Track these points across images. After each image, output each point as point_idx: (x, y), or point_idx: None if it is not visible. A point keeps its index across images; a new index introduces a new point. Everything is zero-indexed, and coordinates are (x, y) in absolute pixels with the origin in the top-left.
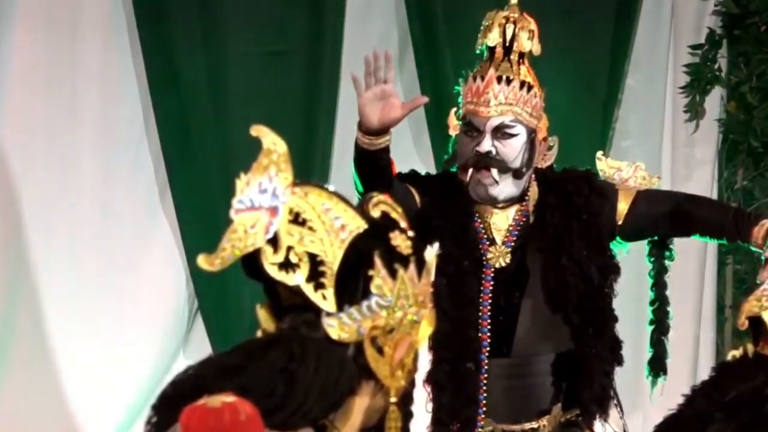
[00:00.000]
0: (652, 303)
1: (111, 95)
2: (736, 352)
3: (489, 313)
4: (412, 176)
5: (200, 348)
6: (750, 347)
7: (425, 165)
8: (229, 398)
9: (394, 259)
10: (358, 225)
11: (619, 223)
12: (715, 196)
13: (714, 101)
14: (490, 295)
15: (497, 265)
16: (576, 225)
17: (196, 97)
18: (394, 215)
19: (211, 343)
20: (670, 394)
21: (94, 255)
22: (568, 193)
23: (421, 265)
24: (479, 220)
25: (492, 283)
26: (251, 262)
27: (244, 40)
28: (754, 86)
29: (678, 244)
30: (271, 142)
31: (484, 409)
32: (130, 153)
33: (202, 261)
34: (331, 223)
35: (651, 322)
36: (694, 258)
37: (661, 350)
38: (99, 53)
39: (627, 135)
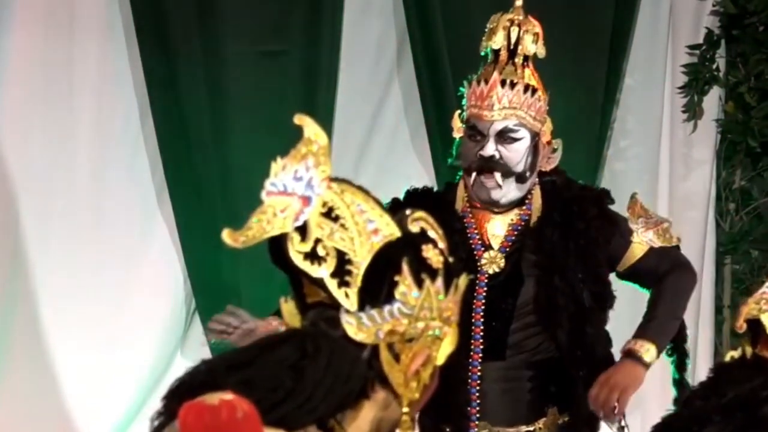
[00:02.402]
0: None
1: (108, 95)
2: (735, 353)
3: (482, 319)
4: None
5: (198, 348)
6: (748, 349)
7: (424, 166)
8: (228, 396)
9: (422, 270)
10: (392, 232)
11: (619, 269)
12: (713, 196)
13: (712, 101)
14: (484, 300)
15: (491, 271)
16: (573, 247)
17: (193, 97)
18: (432, 234)
19: (209, 343)
20: (668, 394)
21: (91, 255)
22: (571, 213)
23: (449, 281)
24: (474, 226)
25: (485, 289)
26: (278, 248)
27: (241, 40)
28: (752, 86)
29: None
30: (313, 132)
31: (478, 415)
32: (128, 153)
33: (227, 236)
34: (364, 225)
35: (671, 362)
36: (692, 258)
37: (684, 391)
38: (96, 53)
39: (625, 135)
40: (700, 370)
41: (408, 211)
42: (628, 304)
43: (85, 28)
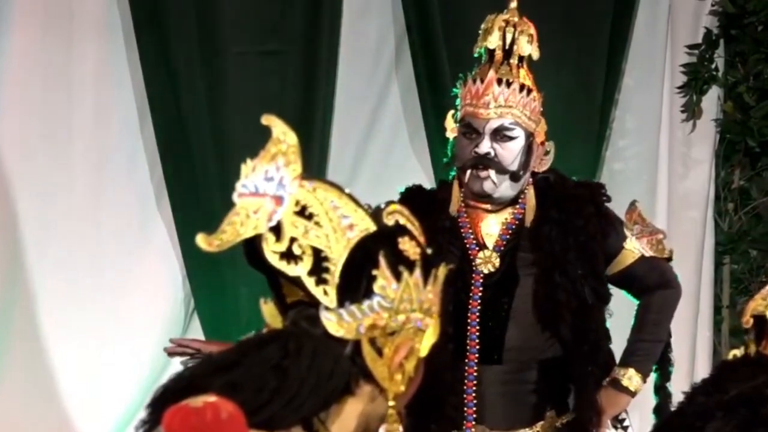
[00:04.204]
0: None
1: (107, 95)
2: (738, 351)
3: (477, 320)
4: None
5: None
6: (752, 346)
7: (423, 166)
8: (211, 398)
9: (400, 263)
10: (367, 226)
11: (608, 273)
12: (711, 195)
13: (711, 101)
14: (479, 301)
15: (486, 271)
16: (573, 243)
17: (192, 97)
18: (410, 227)
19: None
20: None
21: (90, 255)
22: (568, 211)
23: (427, 272)
24: (469, 225)
25: (480, 289)
26: (253, 249)
27: (240, 40)
28: (751, 86)
29: (676, 245)
30: (281, 132)
31: (475, 416)
32: (126, 154)
33: (201, 241)
34: (339, 221)
35: (654, 371)
36: (691, 258)
37: (665, 398)
38: (95, 54)
39: (624, 134)
40: (699, 370)
41: (383, 205)
42: (628, 303)
43: (84, 29)
